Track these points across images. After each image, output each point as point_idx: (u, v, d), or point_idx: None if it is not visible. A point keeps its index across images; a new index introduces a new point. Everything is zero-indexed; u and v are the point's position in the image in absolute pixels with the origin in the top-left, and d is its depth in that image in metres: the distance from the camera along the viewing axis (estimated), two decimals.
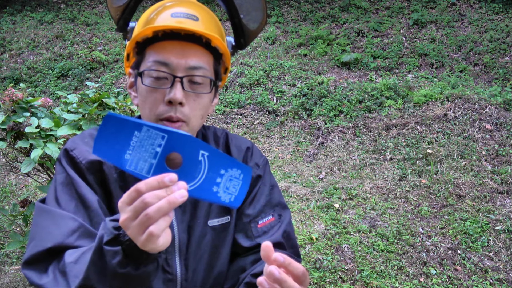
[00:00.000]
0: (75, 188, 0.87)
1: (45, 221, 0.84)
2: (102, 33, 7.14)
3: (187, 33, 0.86)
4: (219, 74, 0.96)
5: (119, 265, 0.66)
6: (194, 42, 0.87)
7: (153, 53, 0.87)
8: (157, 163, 0.65)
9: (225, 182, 0.68)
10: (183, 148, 0.66)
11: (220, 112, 5.34)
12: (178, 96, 0.84)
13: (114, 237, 0.67)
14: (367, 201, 3.76)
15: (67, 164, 0.90)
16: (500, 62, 5.63)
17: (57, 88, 6.07)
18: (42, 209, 0.86)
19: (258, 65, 6.00)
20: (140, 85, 0.89)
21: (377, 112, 4.99)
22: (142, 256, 0.66)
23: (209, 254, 0.99)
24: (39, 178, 2.97)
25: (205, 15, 0.91)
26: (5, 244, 3.13)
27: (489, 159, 4.20)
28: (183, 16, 0.87)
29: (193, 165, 0.67)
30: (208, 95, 0.91)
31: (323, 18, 7.03)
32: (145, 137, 0.65)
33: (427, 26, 6.44)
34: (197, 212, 0.98)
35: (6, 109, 2.06)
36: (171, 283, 0.94)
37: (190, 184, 0.66)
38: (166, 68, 0.86)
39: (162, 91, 0.86)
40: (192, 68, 0.87)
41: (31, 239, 0.83)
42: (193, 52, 0.87)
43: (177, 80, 0.85)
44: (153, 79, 0.87)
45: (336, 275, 2.94)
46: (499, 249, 3.16)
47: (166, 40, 0.87)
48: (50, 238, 0.80)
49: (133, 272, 0.66)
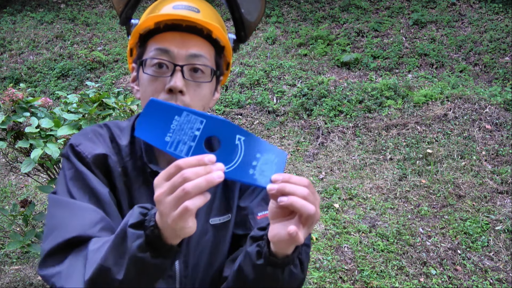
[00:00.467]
0: (86, 181, 0.87)
1: (64, 212, 0.83)
2: (102, 33, 7.14)
3: (189, 24, 0.88)
4: (220, 67, 0.97)
5: (139, 248, 0.66)
6: (195, 34, 0.89)
7: (154, 43, 0.89)
8: (196, 145, 0.68)
9: (260, 165, 0.70)
10: (221, 132, 0.69)
11: (220, 112, 5.34)
12: (179, 84, 0.85)
13: (139, 221, 0.68)
14: (367, 201, 3.76)
15: (75, 159, 0.90)
16: (500, 62, 5.63)
17: (57, 88, 6.07)
18: (58, 200, 0.86)
19: (258, 65, 6.00)
20: (141, 75, 0.91)
21: (377, 112, 4.99)
22: (164, 246, 0.67)
23: (209, 251, 0.99)
24: (39, 178, 2.97)
25: (206, 8, 0.93)
26: (5, 244, 3.13)
27: (489, 159, 4.20)
28: (184, 8, 0.89)
29: (230, 148, 0.70)
30: (208, 85, 0.92)
31: (323, 18, 7.04)
32: (185, 121, 0.68)
33: (427, 26, 6.44)
34: (198, 209, 0.98)
35: (6, 109, 2.06)
36: (171, 279, 0.95)
37: (227, 166, 0.69)
38: (167, 56, 0.87)
39: (163, 80, 0.88)
40: (193, 56, 0.88)
41: (50, 230, 0.82)
42: (194, 42, 0.89)
43: (177, 68, 0.87)
44: (154, 68, 0.88)
45: (336, 275, 2.94)
46: (499, 249, 3.16)
47: (168, 32, 0.89)
48: (71, 229, 0.79)
49: (150, 260, 0.66)
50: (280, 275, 0.77)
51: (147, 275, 0.69)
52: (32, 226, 2.44)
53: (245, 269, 0.81)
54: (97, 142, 0.94)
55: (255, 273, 0.79)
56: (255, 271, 0.79)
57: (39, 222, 3.06)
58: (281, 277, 0.77)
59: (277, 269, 0.77)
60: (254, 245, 0.79)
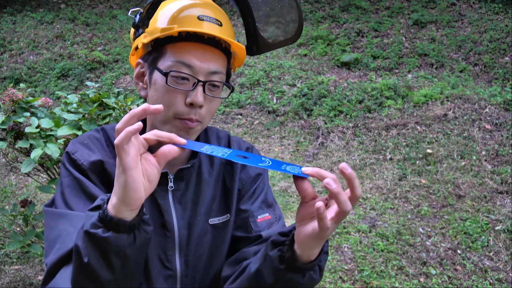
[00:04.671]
0: (83, 188, 0.88)
1: (61, 224, 0.84)
2: (102, 33, 7.14)
3: (210, 37, 0.89)
4: (230, 76, 1.00)
5: (91, 225, 0.69)
6: (214, 46, 0.90)
7: (175, 53, 0.89)
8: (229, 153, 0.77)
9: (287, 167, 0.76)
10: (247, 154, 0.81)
11: (220, 112, 5.34)
12: (201, 100, 0.88)
13: (97, 205, 0.72)
14: (367, 201, 3.77)
15: (71, 167, 0.92)
16: (500, 62, 5.63)
17: (57, 88, 6.07)
18: (54, 213, 0.88)
19: (258, 65, 6.01)
20: (157, 81, 0.91)
21: (377, 112, 4.99)
22: (113, 220, 0.69)
23: (209, 251, 1.00)
24: (39, 178, 2.97)
25: (226, 20, 0.94)
26: (5, 244, 3.13)
27: (489, 159, 4.20)
28: (210, 21, 0.90)
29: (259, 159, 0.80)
30: (221, 98, 0.95)
31: (323, 18, 7.04)
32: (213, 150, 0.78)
33: (427, 26, 6.44)
34: (198, 209, 0.99)
35: (6, 109, 2.07)
36: (171, 279, 0.96)
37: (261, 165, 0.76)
38: (189, 70, 0.88)
39: (184, 92, 0.89)
40: (213, 73, 0.90)
41: (50, 244, 0.83)
42: (214, 56, 0.90)
43: (199, 84, 0.88)
44: (174, 78, 0.88)
45: (336, 275, 2.94)
46: (499, 249, 3.17)
47: (189, 42, 0.88)
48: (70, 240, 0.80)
49: (102, 235, 0.68)
50: (300, 280, 0.78)
51: (106, 252, 0.70)
52: (32, 226, 2.44)
53: (264, 272, 0.81)
54: (94, 148, 0.95)
55: (275, 277, 0.80)
56: (275, 275, 0.80)
57: (39, 222, 3.06)
58: (301, 282, 0.78)
59: (297, 274, 0.78)
60: (276, 250, 0.80)
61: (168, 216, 0.95)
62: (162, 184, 0.94)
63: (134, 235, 0.71)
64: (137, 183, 0.67)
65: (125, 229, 0.70)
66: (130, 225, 0.70)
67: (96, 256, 0.70)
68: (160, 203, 0.95)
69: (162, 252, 0.95)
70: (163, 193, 0.96)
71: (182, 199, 0.97)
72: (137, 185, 0.67)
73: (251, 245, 1.00)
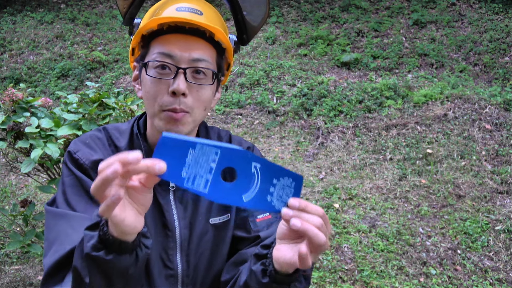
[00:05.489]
0: (84, 187, 0.89)
1: (61, 225, 0.85)
2: (102, 33, 7.14)
3: (192, 27, 0.89)
4: (221, 68, 0.99)
5: (92, 248, 0.68)
6: (198, 36, 0.90)
7: (158, 46, 0.90)
8: (213, 177, 0.68)
9: (278, 191, 0.71)
10: (237, 162, 0.69)
11: (220, 112, 5.34)
12: (182, 87, 0.87)
13: (95, 223, 0.70)
14: (367, 201, 3.77)
15: (72, 166, 0.92)
16: (500, 62, 5.63)
17: (57, 88, 6.07)
18: (55, 212, 0.88)
19: (258, 65, 6.01)
20: (144, 76, 0.92)
21: (377, 112, 4.99)
22: (115, 242, 0.67)
23: (209, 251, 1.00)
24: (39, 178, 2.97)
25: (208, 10, 0.94)
26: (5, 244, 3.13)
27: (489, 159, 4.20)
28: (188, 10, 0.90)
29: (247, 177, 0.70)
30: (210, 87, 0.94)
31: (323, 18, 7.04)
32: (200, 154, 0.67)
33: (427, 26, 6.44)
34: (199, 209, 0.99)
35: (6, 109, 2.07)
36: (173, 279, 0.96)
37: (246, 195, 0.70)
38: (170, 60, 0.88)
39: (166, 82, 0.89)
40: (196, 60, 0.89)
41: (50, 244, 0.83)
42: (197, 45, 0.90)
43: (180, 71, 0.88)
44: (157, 70, 0.89)
45: (336, 275, 2.94)
46: (499, 249, 3.17)
47: (171, 34, 0.89)
48: (70, 242, 0.80)
49: (105, 257, 0.67)
50: None
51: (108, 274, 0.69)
52: (32, 226, 2.44)
53: (251, 285, 0.82)
54: (95, 148, 0.95)
55: None
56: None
57: (39, 222, 3.06)
58: None
59: (283, 286, 0.77)
60: (259, 264, 0.80)
61: (169, 216, 0.96)
62: (163, 184, 0.94)
63: (136, 253, 0.71)
64: (128, 221, 0.65)
65: (127, 250, 0.69)
66: (133, 245, 0.70)
67: (98, 278, 0.69)
68: (161, 203, 0.95)
69: (164, 251, 0.95)
70: (164, 193, 0.96)
71: (183, 198, 0.98)
72: (129, 222, 0.65)
73: (250, 245, 1.00)
